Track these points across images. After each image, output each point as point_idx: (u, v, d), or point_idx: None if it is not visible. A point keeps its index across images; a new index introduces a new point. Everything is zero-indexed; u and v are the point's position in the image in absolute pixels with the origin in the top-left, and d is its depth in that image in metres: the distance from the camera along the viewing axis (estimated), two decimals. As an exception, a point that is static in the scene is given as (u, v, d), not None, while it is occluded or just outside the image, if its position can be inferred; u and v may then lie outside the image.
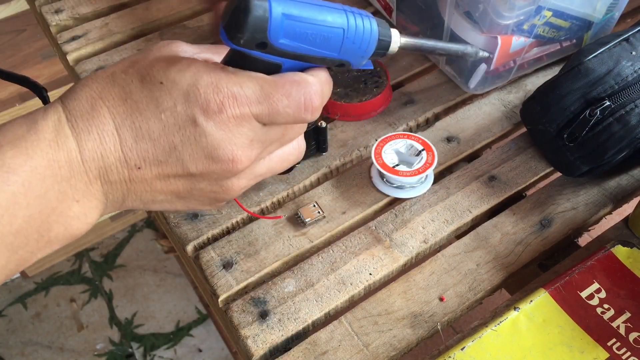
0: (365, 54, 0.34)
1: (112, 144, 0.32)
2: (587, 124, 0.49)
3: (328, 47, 0.32)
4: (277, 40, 0.31)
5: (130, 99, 0.32)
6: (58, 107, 0.32)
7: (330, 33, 0.32)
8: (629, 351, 0.42)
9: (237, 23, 0.30)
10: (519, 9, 0.54)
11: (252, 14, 0.29)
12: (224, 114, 0.32)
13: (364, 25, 0.33)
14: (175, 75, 0.32)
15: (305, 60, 0.33)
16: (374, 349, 0.45)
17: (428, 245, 0.51)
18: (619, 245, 0.47)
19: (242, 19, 0.29)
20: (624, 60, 0.50)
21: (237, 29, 0.30)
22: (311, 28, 0.31)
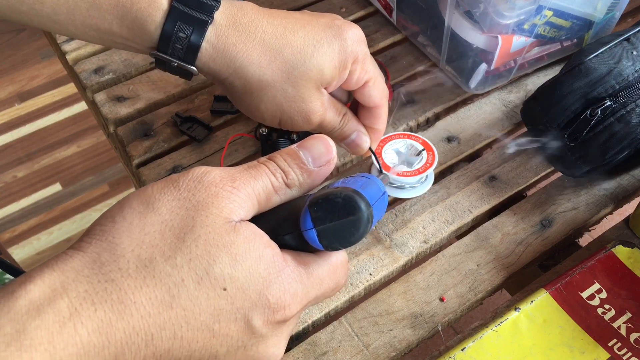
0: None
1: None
2: (587, 124, 0.49)
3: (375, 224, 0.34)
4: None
5: (179, 305, 0.26)
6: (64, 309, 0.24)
7: (378, 220, 0.33)
8: (630, 351, 0.41)
9: (347, 238, 0.28)
10: (519, 8, 0.53)
11: (366, 232, 0.28)
12: (284, 318, 0.29)
13: (385, 203, 0.34)
14: (243, 279, 0.27)
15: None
16: (374, 349, 0.44)
17: (428, 245, 0.50)
18: (620, 246, 0.47)
19: (355, 236, 0.28)
20: (624, 60, 0.50)
21: (343, 242, 0.28)
22: (374, 223, 0.31)
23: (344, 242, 0.28)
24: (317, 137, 0.31)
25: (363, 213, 0.27)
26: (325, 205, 0.27)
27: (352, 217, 0.27)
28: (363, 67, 0.43)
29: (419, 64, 0.66)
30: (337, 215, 0.27)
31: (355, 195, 0.27)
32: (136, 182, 0.61)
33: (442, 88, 0.63)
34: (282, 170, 0.30)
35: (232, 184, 0.28)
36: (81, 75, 0.65)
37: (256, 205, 0.29)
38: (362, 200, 0.27)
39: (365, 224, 0.27)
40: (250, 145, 0.58)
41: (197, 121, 0.60)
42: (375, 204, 0.30)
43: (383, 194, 0.33)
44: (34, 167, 1.66)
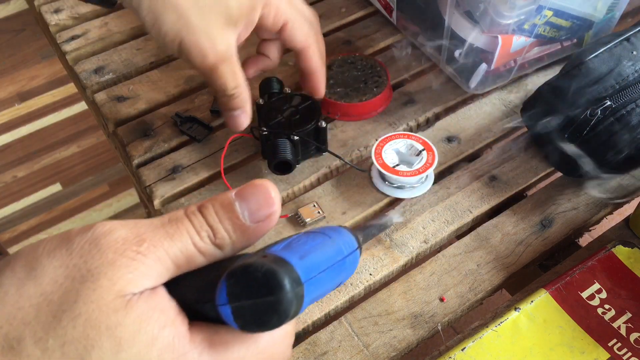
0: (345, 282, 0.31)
1: None
2: (587, 124, 0.49)
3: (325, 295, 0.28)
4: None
5: None
6: None
7: (331, 289, 0.28)
8: (630, 351, 0.41)
9: (264, 322, 0.23)
10: (519, 8, 0.53)
11: (289, 317, 0.23)
12: None
13: (355, 261, 0.29)
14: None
15: None
16: (374, 349, 0.44)
17: (428, 245, 0.50)
18: (620, 246, 0.47)
19: (273, 321, 0.22)
20: (624, 60, 0.50)
21: (261, 326, 0.23)
22: (321, 296, 0.27)
23: (261, 325, 0.23)
24: (258, 185, 0.25)
25: (284, 294, 0.22)
26: (243, 279, 0.22)
27: (271, 298, 0.22)
28: (278, 10, 0.44)
29: (418, 64, 0.66)
30: (255, 292, 0.22)
31: (279, 270, 0.22)
32: (136, 182, 0.61)
33: (442, 88, 0.63)
34: (210, 227, 0.25)
35: (137, 247, 0.23)
36: (81, 75, 0.65)
37: (172, 270, 0.24)
38: (288, 278, 0.22)
39: (286, 307, 0.22)
40: (250, 146, 0.58)
41: (197, 121, 0.60)
42: (320, 276, 0.25)
43: (348, 256, 0.28)
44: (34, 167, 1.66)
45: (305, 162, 0.56)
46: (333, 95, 0.60)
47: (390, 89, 0.62)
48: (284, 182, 0.55)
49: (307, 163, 0.56)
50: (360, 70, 0.62)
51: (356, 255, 0.29)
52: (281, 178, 0.55)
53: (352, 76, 0.62)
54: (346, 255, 0.28)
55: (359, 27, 0.71)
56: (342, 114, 0.60)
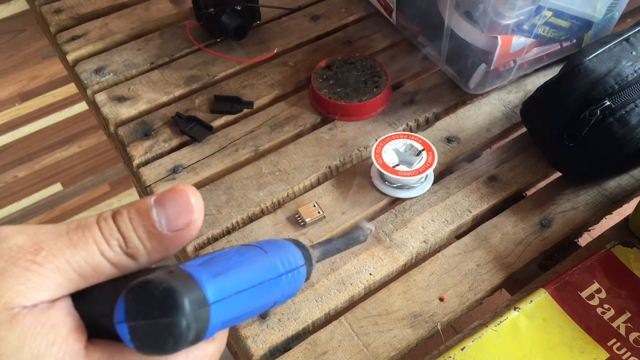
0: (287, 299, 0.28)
1: None
2: (587, 124, 0.49)
3: (255, 314, 0.26)
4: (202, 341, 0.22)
5: None
6: None
7: (261, 309, 0.26)
8: (629, 351, 0.42)
9: (161, 345, 0.20)
10: (519, 8, 0.54)
11: (188, 342, 0.21)
12: None
13: (295, 280, 0.27)
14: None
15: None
16: (374, 349, 0.44)
17: (428, 245, 0.51)
18: (619, 245, 0.47)
19: (169, 344, 0.20)
20: (624, 60, 0.50)
21: (158, 350, 0.21)
22: (245, 317, 0.24)
23: (157, 348, 0.20)
24: (179, 190, 0.23)
25: (181, 317, 0.20)
26: (141, 296, 0.20)
27: (166, 320, 0.20)
28: None
29: (418, 65, 0.66)
30: (152, 312, 0.20)
31: (179, 288, 0.20)
32: (136, 182, 0.61)
33: (442, 88, 0.63)
34: (122, 235, 0.22)
35: (33, 256, 0.21)
36: (82, 76, 0.66)
37: (76, 281, 0.22)
38: (188, 298, 0.20)
39: (183, 330, 0.20)
40: (250, 146, 0.59)
41: (197, 121, 0.60)
42: (239, 296, 0.23)
43: (285, 274, 0.25)
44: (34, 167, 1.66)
45: (306, 162, 0.57)
46: (333, 95, 0.60)
47: (390, 89, 0.62)
48: (284, 182, 0.55)
49: (308, 163, 0.57)
50: (360, 71, 0.62)
51: (300, 273, 0.27)
52: (281, 178, 0.55)
53: (352, 76, 0.62)
54: (282, 273, 0.25)
55: (359, 28, 0.71)
56: (342, 114, 0.60)
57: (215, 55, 0.68)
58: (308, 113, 0.62)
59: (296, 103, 0.63)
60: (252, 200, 0.54)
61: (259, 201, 0.54)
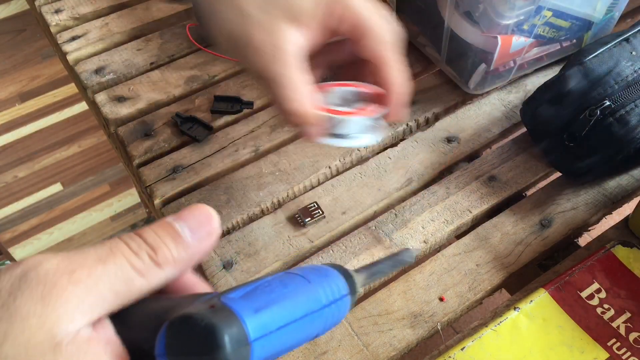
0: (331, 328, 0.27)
1: None
2: (587, 124, 0.49)
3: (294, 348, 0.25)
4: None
5: None
6: None
7: (303, 342, 0.25)
8: (629, 351, 0.42)
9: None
10: (519, 9, 0.54)
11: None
12: None
13: (339, 310, 0.26)
14: None
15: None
16: (374, 349, 0.45)
17: (428, 245, 0.51)
18: (619, 245, 0.47)
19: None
20: (624, 60, 0.50)
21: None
22: (286, 351, 0.24)
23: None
24: (195, 206, 0.25)
25: (221, 356, 0.20)
26: (182, 331, 0.20)
27: (207, 358, 0.20)
28: (347, 6, 0.37)
29: (418, 65, 0.66)
30: (192, 348, 0.20)
31: (220, 326, 0.20)
32: (136, 182, 0.61)
33: (442, 88, 0.63)
34: (150, 246, 0.23)
35: (69, 277, 0.21)
36: (82, 76, 0.66)
37: (109, 299, 0.22)
38: (229, 336, 0.20)
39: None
40: (250, 146, 0.59)
41: (197, 121, 0.60)
42: (281, 331, 0.22)
43: (328, 305, 0.24)
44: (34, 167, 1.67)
45: (306, 162, 0.57)
46: (333, 96, 0.60)
47: (390, 89, 0.62)
48: (284, 182, 0.55)
49: (308, 163, 0.57)
50: (360, 71, 0.62)
51: (344, 303, 0.26)
52: (281, 178, 0.55)
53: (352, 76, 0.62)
54: (326, 305, 0.24)
55: (359, 28, 0.71)
56: (342, 114, 0.60)
57: (215, 55, 0.68)
58: (308, 113, 0.62)
59: (296, 103, 0.63)
60: (252, 200, 0.54)
61: (259, 201, 0.54)
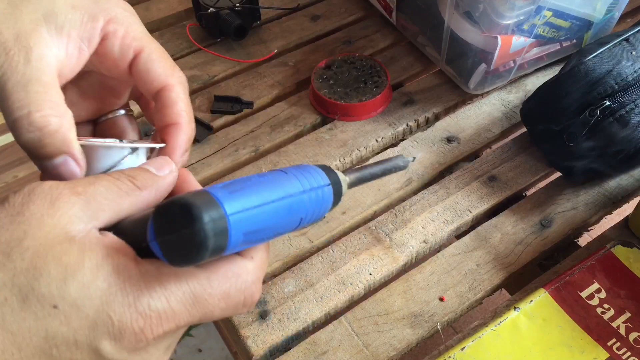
0: (317, 220, 0.29)
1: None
2: (587, 124, 0.49)
3: (280, 235, 0.27)
4: (230, 252, 0.24)
5: (5, 329, 0.22)
6: None
7: (288, 227, 0.27)
8: (629, 351, 0.42)
9: (186, 254, 0.23)
10: (519, 9, 0.54)
11: (209, 249, 0.22)
12: (142, 339, 0.24)
13: (323, 199, 0.27)
14: (77, 295, 0.23)
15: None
16: (374, 349, 0.45)
17: (428, 245, 0.51)
18: (619, 245, 0.47)
19: (193, 253, 0.22)
20: (624, 60, 0.50)
21: (185, 259, 0.23)
22: (270, 232, 0.26)
23: (185, 258, 0.23)
24: (155, 158, 0.29)
25: (198, 226, 0.22)
26: (165, 214, 0.23)
27: (187, 230, 0.22)
28: (128, 32, 0.31)
29: (418, 65, 0.66)
30: (175, 226, 0.23)
31: (195, 202, 0.22)
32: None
33: (442, 88, 0.63)
34: (127, 175, 0.27)
35: (70, 190, 0.25)
36: (82, 76, 0.66)
37: (105, 209, 0.25)
38: (204, 209, 0.22)
39: (202, 239, 0.22)
40: (250, 146, 0.59)
41: (197, 121, 0.60)
42: (257, 210, 0.24)
43: (307, 192, 0.26)
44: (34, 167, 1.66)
45: (305, 162, 0.57)
46: (333, 95, 0.60)
47: (390, 89, 0.62)
48: (284, 182, 0.55)
49: (307, 162, 0.56)
50: (360, 71, 0.62)
51: (325, 193, 0.27)
52: (281, 178, 0.55)
53: (352, 76, 0.62)
54: (304, 191, 0.26)
55: (359, 28, 0.71)
56: (342, 114, 0.60)
57: (215, 55, 0.68)
58: (308, 113, 0.62)
59: (296, 103, 0.63)
60: (252, 200, 0.54)
61: (259, 201, 0.54)
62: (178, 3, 0.75)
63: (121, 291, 0.23)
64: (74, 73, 0.31)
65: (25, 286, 0.22)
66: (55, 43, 0.29)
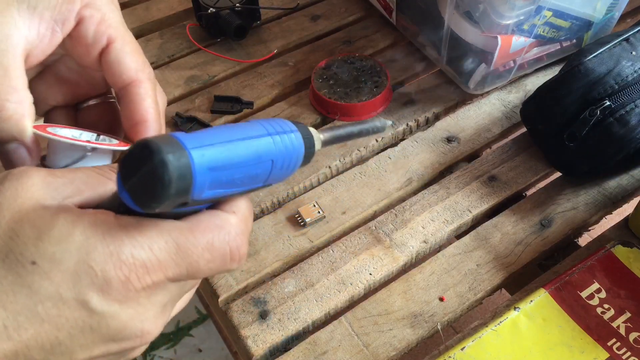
0: (291, 172, 0.28)
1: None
2: (587, 124, 0.49)
3: (255, 183, 0.26)
4: (200, 196, 0.24)
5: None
6: None
7: (258, 170, 0.26)
8: (629, 351, 0.42)
9: (152, 192, 0.22)
10: (519, 9, 0.54)
11: (173, 181, 0.22)
12: (131, 289, 0.24)
13: (292, 144, 0.27)
14: (54, 249, 0.23)
15: (228, 197, 0.27)
16: (374, 349, 0.45)
17: (428, 245, 0.51)
18: (619, 245, 0.47)
19: (158, 187, 0.22)
20: (624, 60, 0.50)
21: (152, 198, 0.22)
22: (239, 172, 0.25)
23: (153, 198, 0.22)
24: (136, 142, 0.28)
25: (158, 159, 0.21)
26: (129, 158, 0.22)
27: (149, 166, 0.22)
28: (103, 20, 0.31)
29: (418, 65, 0.66)
30: (137, 166, 0.22)
31: (155, 140, 0.22)
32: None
33: (442, 88, 0.63)
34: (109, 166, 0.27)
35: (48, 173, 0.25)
36: (82, 76, 0.66)
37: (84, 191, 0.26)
38: (163, 144, 0.22)
39: (164, 171, 0.21)
40: (250, 146, 0.59)
41: (197, 121, 0.60)
42: (220, 147, 0.24)
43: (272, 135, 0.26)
44: (34, 167, 1.66)
45: (305, 162, 0.57)
46: (333, 95, 0.60)
47: (390, 89, 0.62)
48: (284, 182, 0.55)
49: (307, 163, 0.57)
50: (360, 71, 0.62)
51: (292, 140, 0.27)
52: (281, 178, 0.55)
53: (352, 76, 0.62)
54: (269, 133, 0.26)
55: (359, 28, 0.71)
56: (342, 114, 0.60)
57: (215, 55, 0.68)
58: (308, 113, 0.62)
59: (296, 103, 0.63)
60: (252, 200, 0.54)
61: (259, 201, 0.54)
62: (178, 3, 0.75)
63: (101, 242, 0.23)
64: (45, 55, 0.30)
65: (3, 247, 0.23)
66: (26, 23, 0.29)
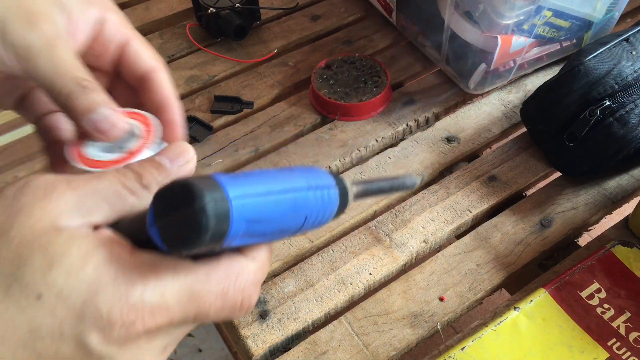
0: (317, 227, 0.27)
1: None
2: (587, 124, 0.49)
3: (283, 234, 0.26)
4: (230, 244, 0.23)
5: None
6: None
7: (291, 224, 0.25)
8: (629, 351, 0.42)
9: (185, 237, 0.21)
10: (519, 8, 0.54)
11: (210, 230, 0.21)
12: (132, 332, 0.23)
13: (330, 200, 0.26)
14: (63, 282, 0.22)
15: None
16: (374, 348, 0.45)
17: (428, 245, 0.51)
18: (619, 245, 0.47)
19: (193, 235, 0.21)
20: (624, 60, 0.50)
21: (184, 243, 0.22)
22: (273, 226, 0.24)
23: (183, 241, 0.21)
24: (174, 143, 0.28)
25: (198, 204, 0.21)
26: (167, 194, 0.22)
27: (186, 209, 0.21)
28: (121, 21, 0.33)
29: (418, 65, 0.66)
30: (174, 207, 0.21)
31: (197, 182, 0.21)
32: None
33: (442, 88, 0.63)
34: (134, 172, 0.26)
35: (67, 184, 0.24)
36: (82, 76, 0.66)
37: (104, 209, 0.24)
38: (205, 189, 0.21)
39: (201, 218, 0.21)
40: (250, 146, 0.59)
41: (197, 121, 0.60)
42: (261, 199, 0.23)
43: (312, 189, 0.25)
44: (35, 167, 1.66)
45: (305, 162, 0.57)
46: (333, 95, 0.60)
47: (390, 89, 0.62)
48: (284, 182, 0.55)
49: (307, 162, 0.57)
50: (360, 70, 0.62)
51: (330, 196, 0.26)
52: (281, 178, 0.55)
53: (352, 76, 0.62)
54: (309, 187, 0.25)
55: (359, 27, 0.71)
56: (342, 114, 0.60)
57: (215, 55, 0.68)
58: (308, 113, 0.62)
59: (296, 103, 0.63)
60: (252, 200, 0.54)
61: (259, 201, 0.54)
62: (178, 3, 0.75)
63: (112, 282, 0.22)
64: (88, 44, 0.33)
65: (8, 276, 0.22)
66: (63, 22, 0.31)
